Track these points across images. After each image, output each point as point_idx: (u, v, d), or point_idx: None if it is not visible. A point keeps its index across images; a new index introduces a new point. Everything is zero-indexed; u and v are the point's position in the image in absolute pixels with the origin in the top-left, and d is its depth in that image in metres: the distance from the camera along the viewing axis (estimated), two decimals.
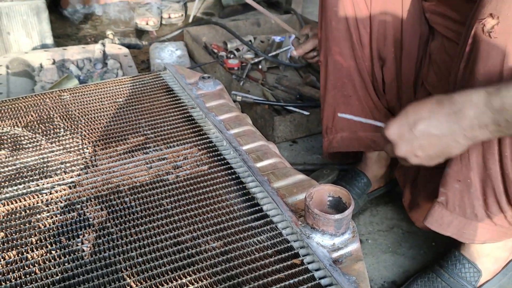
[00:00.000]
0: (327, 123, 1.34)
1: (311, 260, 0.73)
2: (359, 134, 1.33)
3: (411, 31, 1.21)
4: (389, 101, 1.30)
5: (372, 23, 1.23)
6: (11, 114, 1.09)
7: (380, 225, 1.36)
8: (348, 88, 1.29)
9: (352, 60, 1.26)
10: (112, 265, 0.71)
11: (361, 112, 1.31)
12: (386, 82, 1.28)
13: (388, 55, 1.24)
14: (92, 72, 1.78)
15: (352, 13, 1.22)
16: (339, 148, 1.34)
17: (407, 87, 1.26)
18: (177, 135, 1.02)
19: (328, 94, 1.31)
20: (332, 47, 1.26)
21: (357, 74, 1.27)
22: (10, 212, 0.81)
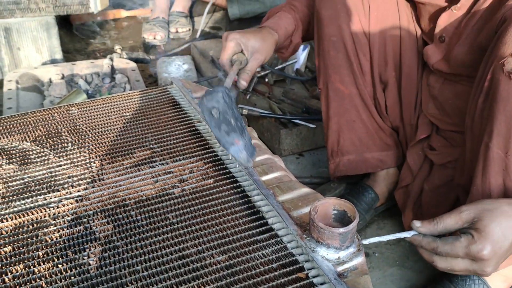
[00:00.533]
0: (332, 147, 1.35)
1: (316, 274, 0.73)
2: (366, 156, 1.34)
3: (410, 52, 1.22)
4: (392, 121, 1.31)
5: (372, 50, 1.24)
6: (20, 128, 1.11)
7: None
8: (351, 114, 1.30)
9: (353, 87, 1.27)
10: (118, 279, 0.72)
11: (366, 135, 1.32)
12: (388, 105, 1.28)
13: (389, 79, 1.25)
14: (100, 87, 1.80)
15: (351, 42, 1.23)
16: (346, 171, 1.35)
17: (408, 107, 1.26)
18: (183, 149, 1.03)
19: (331, 121, 1.32)
20: (331, 75, 1.27)
21: (359, 100, 1.28)
22: (18, 226, 0.82)
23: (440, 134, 1.21)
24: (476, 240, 0.72)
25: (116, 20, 2.72)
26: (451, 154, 1.18)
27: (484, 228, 0.73)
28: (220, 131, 0.73)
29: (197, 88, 1.27)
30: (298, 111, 1.83)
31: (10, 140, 1.06)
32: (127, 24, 2.70)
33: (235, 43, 1.16)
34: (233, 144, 0.71)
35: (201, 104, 0.78)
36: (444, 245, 0.74)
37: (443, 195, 1.19)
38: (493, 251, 0.72)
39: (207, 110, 0.75)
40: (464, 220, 0.75)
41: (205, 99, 0.77)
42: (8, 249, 0.77)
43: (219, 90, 0.77)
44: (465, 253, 0.73)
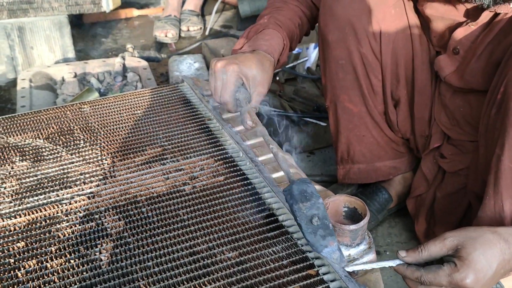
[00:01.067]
0: (341, 155, 1.34)
1: (326, 271, 0.73)
2: (377, 165, 1.33)
3: (423, 67, 1.19)
4: (403, 134, 1.30)
5: (384, 71, 1.21)
6: (33, 126, 1.12)
7: (398, 237, 1.34)
8: (361, 129, 1.29)
9: (363, 106, 1.26)
10: (129, 274, 0.72)
11: (377, 147, 1.31)
12: (399, 120, 1.27)
13: (401, 97, 1.23)
14: (112, 85, 1.82)
15: (361, 64, 1.20)
16: (357, 180, 1.35)
17: (420, 121, 1.25)
18: (194, 146, 1.03)
19: (341, 135, 1.31)
20: (340, 95, 1.25)
21: (369, 117, 1.27)
22: (31, 222, 0.83)
23: (451, 143, 1.20)
24: (459, 269, 0.71)
25: (128, 19, 2.73)
26: (462, 162, 1.17)
27: (467, 256, 0.71)
28: (315, 236, 0.69)
29: (208, 86, 1.27)
30: (309, 109, 1.83)
31: (24, 138, 1.08)
32: (138, 23, 2.71)
33: (236, 77, 1.02)
34: (326, 247, 0.69)
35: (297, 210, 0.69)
36: (427, 274, 0.72)
37: (455, 202, 1.18)
38: (476, 280, 0.71)
39: (306, 218, 0.68)
40: (448, 247, 0.74)
41: (302, 205, 0.67)
42: (21, 245, 0.78)
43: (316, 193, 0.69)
44: (448, 281, 0.71)
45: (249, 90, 1.04)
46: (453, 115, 1.16)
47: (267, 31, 1.15)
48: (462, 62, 1.07)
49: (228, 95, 1.03)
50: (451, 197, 1.20)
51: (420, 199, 1.28)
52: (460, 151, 1.17)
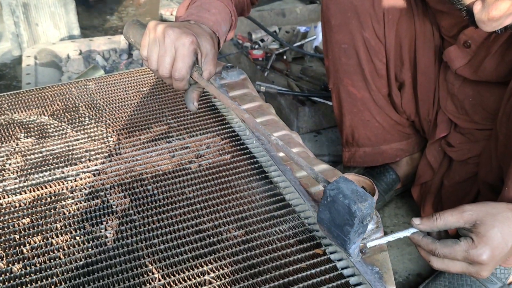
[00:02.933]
0: (346, 138, 1.32)
1: (333, 250, 0.72)
2: (383, 148, 1.31)
3: (426, 50, 1.16)
4: (408, 116, 1.28)
5: (388, 53, 1.19)
6: (38, 103, 1.11)
7: (405, 217, 1.33)
8: (365, 114, 1.27)
9: (366, 91, 1.23)
10: (135, 252, 0.72)
11: (382, 131, 1.29)
12: (403, 103, 1.25)
13: (406, 79, 1.21)
14: (117, 63, 1.80)
15: (364, 49, 1.18)
16: (362, 163, 1.33)
17: (425, 104, 1.23)
18: (200, 124, 1.02)
19: (345, 118, 1.29)
20: (343, 79, 1.23)
21: (372, 103, 1.25)
22: (36, 199, 0.83)
23: (459, 131, 1.17)
24: (477, 245, 0.70)
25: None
26: (470, 150, 1.15)
27: (485, 233, 0.70)
28: (356, 236, 0.66)
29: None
30: (317, 89, 1.81)
31: (29, 114, 1.07)
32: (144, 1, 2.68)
33: (194, 52, 0.85)
34: (355, 243, 0.68)
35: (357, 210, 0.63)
36: (443, 248, 0.71)
37: (464, 190, 1.17)
38: (492, 256, 0.71)
39: (361, 218, 0.64)
40: (465, 220, 0.72)
41: (361, 205, 0.63)
42: (27, 221, 0.78)
43: (369, 194, 0.65)
44: (463, 257, 0.71)
45: (200, 65, 0.89)
46: (462, 104, 1.14)
47: (215, 3, 0.98)
48: (475, 56, 1.04)
49: (186, 71, 0.85)
50: (460, 186, 1.18)
51: (426, 187, 1.27)
52: (469, 139, 1.15)
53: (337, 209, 0.66)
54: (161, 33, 0.83)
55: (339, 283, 0.67)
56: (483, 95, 1.09)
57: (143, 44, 0.85)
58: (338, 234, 0.67)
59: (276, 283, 0.67)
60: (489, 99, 1.08)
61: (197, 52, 0.86)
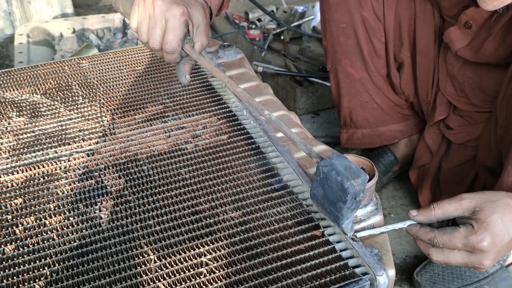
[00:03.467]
0: (344, 119, 1.31)
1: (332, 232, 0.71)
2: (381, 130, 1.30)
3: (425, 29, 1.14)
4: (407, 97, 1.26)
5: (387, 33, 1.17)
6: (30, 81, 1.09)
7: (403, 199, 1.33)
8: (363, 96, 1.25)
9: (364, 72, 1.21)
10: (130, 233, 0.71)
11: (380, 112, 1.27)
12: (402, 83, 1.23)
13: (405, 59, 1.19)
14: (112, 42, 1.77)
15: (363, 28, 1.15)
16: (360, 145, 1.32)
17: (423, 85, 1.21)
18: (196, 104, 1.00)
19: (343, 99, 1.27)
20: (341, 59, 1.21)
21: (371, 84, 1.23)
22: (28, 179, 0.81)
23: (458, 114, 1.16)
24: (477, 231, 0.67)
25: None
26: (469, 133, 1.13)
27: (486, 219, 0.67)
28: (349, 212, 0.66)
29: (211, 43, 1.23)
30: (314, 69, 1.78)
31: (21, 93, 1.04)
32: None
33: (185, 23, 0.81)
34: (348, 218, 0.67)
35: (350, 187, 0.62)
36: (441, 235, 0.68)
37: (462, 173, 1.16)
38: (493, 243, 0.67)
39: (355, 194, 0.64)
40: (464, 208, 0.69)
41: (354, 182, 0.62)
42: (19, 201, 0.76)
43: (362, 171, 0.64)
44: (463, 244, 0.67)
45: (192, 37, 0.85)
46: (462, 86, 1.12)
47: None
48: (476, 38, 1.02)
49: (178, 43, 0.81)
50: (458, 169, 1.17)
51: (423, 170, 1.26)
52: (468, 122, 1.14)
53: (330, 185, 0.65)
54: (151, 4, 0.79)
55: (337, 265, 0.66)
56: (483, 77, 1.08)
57: (132, 15, 0.81)
58: (331, 210, 0.66)
59: (274, 265, 0.65)
60: (489, 82, 1.06)
61: (188, 24, 0.82)
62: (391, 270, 0.65)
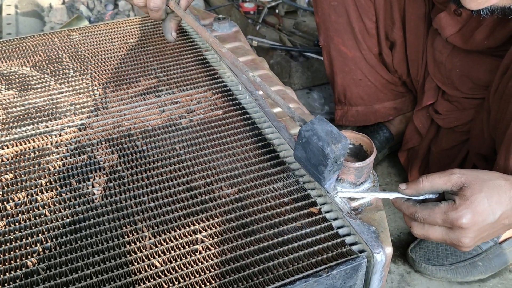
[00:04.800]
0: (338, 96, 1.29)
1: (329, 209, 0.70)
2: (376, 107, 1.29)
3: (415, 6, 1.12)
4: (400, 75, 1.25)
5: (377, 12, 1.15)
6: (19, 53, 1.05)
7: (397, 176, 1.33)
8: (356, 73, 1.24)
9: (356, 50, 1.20)
10: (123, 209, 0.69)
11: (375, 90, 1.26)
12: (395, 63, 1.22)
13: (397, 39, 1.18)
14: (103, 14, 1.72)
15: (354, 7, 1.14)
16: (355, 122, 1.31)
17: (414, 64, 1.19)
18: (191, 78, 0.97)
19: (337, 76, 1.26)
20: (334, 37, 1.20)
21: (364, 62, 1.22)
22: (19, 153, 0.79)
23: (446, 99, 1.15)
24: (457, 207, 0.66)
25: None
26: (458, 119, 1.13)
27: (470, 196, 0.65)
28: (333, 174, 0.67)
29: (205, 15, 1.20)
30: (310, 44, 1.76)
31: (9, 65, 1.01)
32: None
33: None
34: (330, 179, 0.67)
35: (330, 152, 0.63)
36: (422, 211, 0.68)
37: (450, 157, 1.16)
38: (473, 222, 0.65)
39: (335, 158, 0.64)
40: (453, 183, 0.67)
41: (334, 147, 0.63)
42: (10, 177, 0.74)
43: (343, 135, 0.65)
44: (442, 220, 0.66)
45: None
46: (449, 74, 1.11)
47: None
48: (466, 26, 1.00)
49: (161, 0, 0.84)
50: (447, 152, 1.17)
51: (413, 152, 1.26)
52: (456, 107, 1.13)
53: (311, 149, 0.66)
54: None
55: (334, 242, 0.65)
56: (472, 66, 1.06)
57: None
58: (313, 172, 0.68)
59: (270, 242, 0.65)
60: (478, 71, 1.05)
61: None
62: (388, 247, 0.65)
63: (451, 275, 1.05)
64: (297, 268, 0.61)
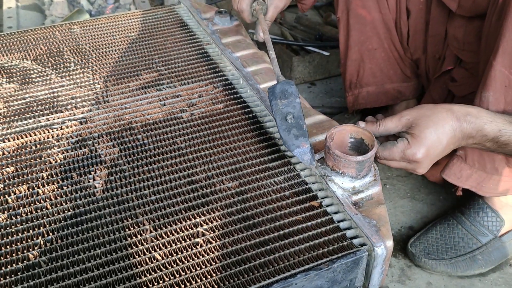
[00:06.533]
0: (350, 78, 1.28)
1: (330, 203, 0.70)
2: (386, 87, 1.28)
3: None
4: (413, 53, 1.24)
5: None
6: (20, 46, 1.05)
7: (399, 170, 1.32)
8: (373, 42, 1.22)
9: (377, 12, 1.19)
10: (125, 202, 0.69)
11: (387, 64, 1.25)
12: (411, 34, 1.20)
13: (415, 6, 1.16)
14: (104, 7, 1.72)
15: None
16: (366, 104, 1.30)
17: (435, 39, 1.18)
18: (192, 72, 0.97)
19: (351, 51, 1.25)
20: (352, 1, 1.18)
21: (382, 25, 1.20)
22: (20, 147, 0.79)
23: (463, 66, 1.14)
24: (411, 145, 0.75)
25: None
26: (473, 85, 1.12)
27: (420, 134, 0.75)
28: (289, 134, 0.72)
29: (207, 9, 1.20)
30: (311, 38, 1.75)
31: (10, 58, 1.01)
32: None
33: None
34: (299, 147, 0.72)
35: (274, 105, 0.72)
36: (383, 151, 0.77)
37: None
38: (426, 154, 0.76)
39: (282, 114, 0.71)
40: (403, 124, 0.77)
41: (279, 102, 0.70)
42: (11, 170, 0.75)
43: (296, 94, 0.71)
44: (400, 157, 0.77)
45: (266, 2, 1.04)
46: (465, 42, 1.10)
47: None
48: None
49: (246, 3, 1.04)
50: None
51: None
52: (472, 74, 1.12)
53: (271, 108, 0.72)
54: None
55: (335, 236, 0.65)
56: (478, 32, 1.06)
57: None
58: (280, 137, 0.73)
59: (271, 235, 0.65)
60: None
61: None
62: (389, 241, 0.65)
63: (451, 269, 1.05)
64: (298, 261, 0.62)
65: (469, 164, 0.96)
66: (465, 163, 0.96)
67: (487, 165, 0.94)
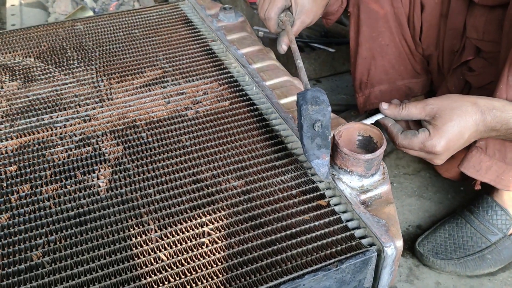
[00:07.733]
0: (361, 77, 1.26)
1: (337, 202, 0.69)
2: (398, 84, 1.26)
3: None
4: (425, 48, 1.21)
5: None
6: (23, 44, 1.04)
7: (406, 168, 1.31)
8: (385, 37, 1.20)
9: (389, 5, 1.16)
10: (129, 202, 0.68)
11: (398, 60, 1.23)
12: (424, 29, 1.18)
13: (430, 0, 1.14)
14: (107, 5, 1.71)
15: None
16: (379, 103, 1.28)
17: (453, 33, 1.15)
18: (197, 69, 0.96)
19: (362, 47, 1.22)
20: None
21: (394, 20, 1.18)
22: (23, 145, 0.78)
23: (482, 56, 1.12)
24: (432, 137, 0.76)
25: None
26: (491, 74, 1.09)
27: (442, 126, 0.75)
28: (312, 142, 0.69)
29: (211, 5, 1.18)
30: (317, 35, 1.73)
31: (13, 56, 1.00)
32: None
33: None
34: (318, 158, 0.69)
35: (304, 110, 0.67)
36: (403, 140, 0.78)
37: None
38: (447, 148, 0.76)
39: (310, 120, 0.67)
40: (426, 113, 0.77)
41: (310, 107, 0.67)
42: (14, 168, 0.74)
43: (327, 103, 0.68)
44: (420, 148, 0.77)
45: (294, 15, 1.01)
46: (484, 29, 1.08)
47: None
48: None
49: (274, 12, 1.00)
50: None
51: None
52: (490, 64, 1.09)
53: (299, 113, 0.68)
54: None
55: (344, 235, 0.64)
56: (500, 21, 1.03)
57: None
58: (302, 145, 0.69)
59: (278, 235, 0.64)
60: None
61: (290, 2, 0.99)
62: (399, 241, 0.63)
63: (460, 269, 1.03)
64: (306, 262, 0.60)
65: (489, 155, 0.93)
66: (485, 154, 0.94)
67: (508, 154, 0.91)
